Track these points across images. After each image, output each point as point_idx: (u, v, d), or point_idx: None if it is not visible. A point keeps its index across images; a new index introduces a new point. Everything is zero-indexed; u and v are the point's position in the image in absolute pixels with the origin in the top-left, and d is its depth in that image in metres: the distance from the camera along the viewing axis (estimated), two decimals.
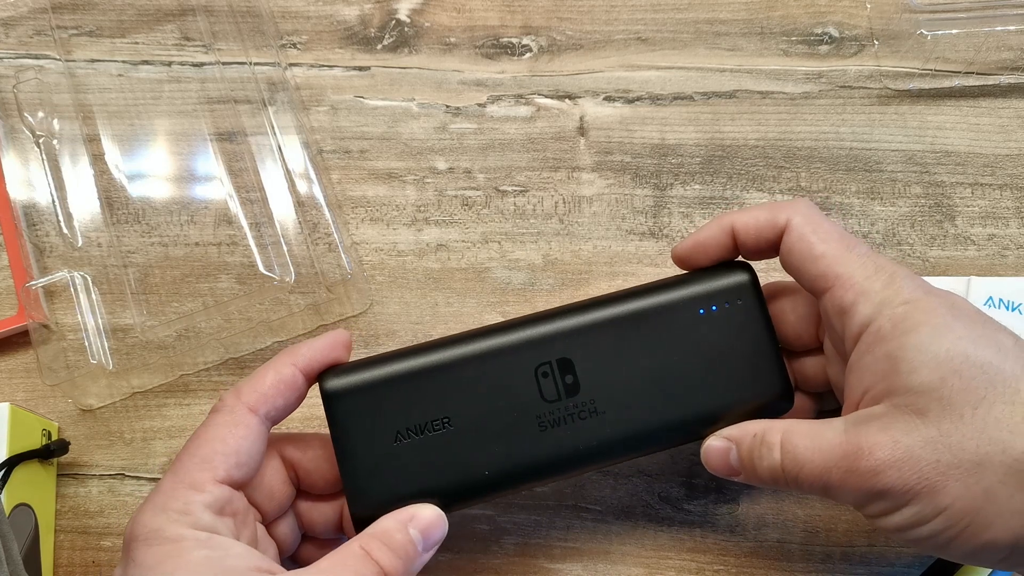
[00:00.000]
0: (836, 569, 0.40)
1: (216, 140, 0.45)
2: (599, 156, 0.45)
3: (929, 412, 0.28)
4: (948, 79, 0.46)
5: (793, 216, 0.32)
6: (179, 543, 0.28)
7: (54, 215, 0.44)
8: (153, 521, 0.28)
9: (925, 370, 0.28)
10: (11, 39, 0.47)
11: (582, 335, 0.33)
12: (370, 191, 0.45)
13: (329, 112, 0.46)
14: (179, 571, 0.27)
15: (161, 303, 0.43)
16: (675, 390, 0.33)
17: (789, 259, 0.32)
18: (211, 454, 0.30)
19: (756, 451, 0.31)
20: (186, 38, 0.47)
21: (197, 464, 0.30)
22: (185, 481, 0.29)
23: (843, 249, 0.31)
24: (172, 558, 0.27)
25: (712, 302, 0.33)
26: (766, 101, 0.46)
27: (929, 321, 0.29)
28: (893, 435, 0.28)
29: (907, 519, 0.28)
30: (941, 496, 0.27)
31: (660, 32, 0.47)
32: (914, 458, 0.28)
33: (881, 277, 0.30)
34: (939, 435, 0.27)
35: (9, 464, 0.38)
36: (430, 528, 0.31)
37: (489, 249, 0.44)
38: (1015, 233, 0.44)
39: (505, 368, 0.32)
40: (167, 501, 0.29)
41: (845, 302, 0.30)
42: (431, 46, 0.47)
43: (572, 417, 0.32)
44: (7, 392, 0.43)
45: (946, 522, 0.27)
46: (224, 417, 0.31)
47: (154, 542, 0.28)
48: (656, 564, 0.40)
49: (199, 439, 0.30)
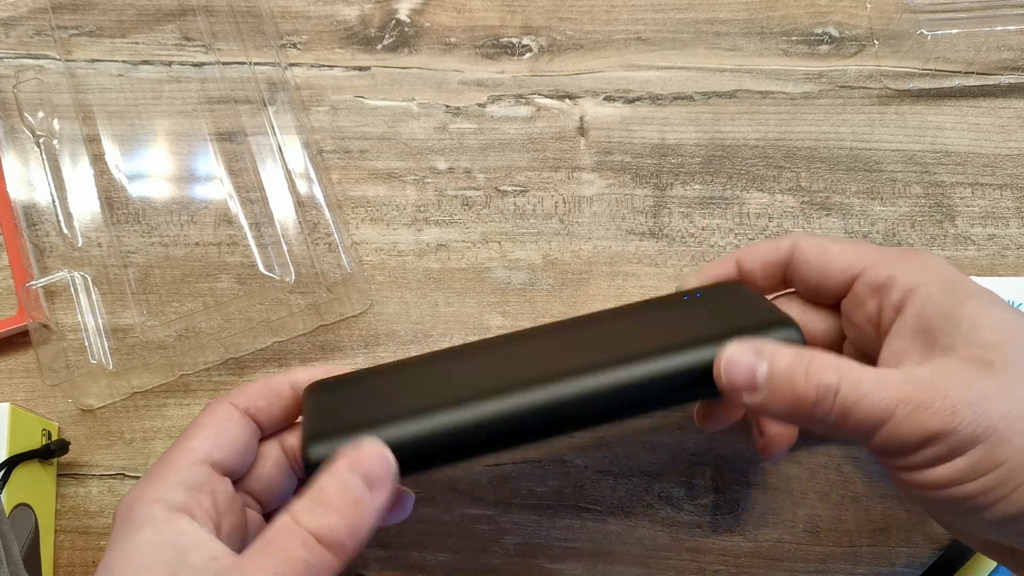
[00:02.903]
0: (836, 569, 0.40)
1: (216, 140, 0.45)
2: (599, 156, 0.45)
3: (996, 364, 0.27)
4: (948, 79, 0.46)
5: (797, 238, 0.34)
6: (138, 522, 0.28)
7: (54, 215, 0.44)
8: (127, 500, 0.30)
9: (988, 329, 0.28)
10: (11, 39, 0.47)
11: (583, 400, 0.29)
12: (370, 191, 0.45)
13: (329, 112, 0.46)
14: (127, 551, 0.28)
15: (161, 303, 0.43)
16: (669, 342, 0.30)
17: (807, 268, 0.33)
18: (190, 438, 0.31)
19: (803, 366, 0.28)
20: (186, 38, 0.47)
21: (179, 448, 0.31)
22: (165, 463, 0.30)
23: (859, 243, 0.32)
24: (125, 536, 0.28)
25: (701, 291, 0.34)
26: (766, 101, 0.46)
27: (978, 292, 0.29)
28: (968, 378, 0.27)
29: (960, 470, 0.27)
30: (1003, 447, 0.26)
31: (660, 32, 0.47)
32: (989, 402, 0.27)
33: (914, 256, 0.31)
34: (1007, 385, 0.27)
35: (9, 464, 0.38)
36: (369, 464, 0.27)
37: (489, 249, 0.44)
38: (1015, 233, 0.44)
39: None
40: (146, 482, 0.30)
41: (881, 277, 0.30)
42: (431, 46, 0.47)
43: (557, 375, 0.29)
44: (7, 392, 0.43)
45: (1001, 477, 0.26)
46: (206, 409, 0.32)
47: (122, 521, 0.29)
48: (656, 564, 0.40)
49: (191, 429, 0.32)
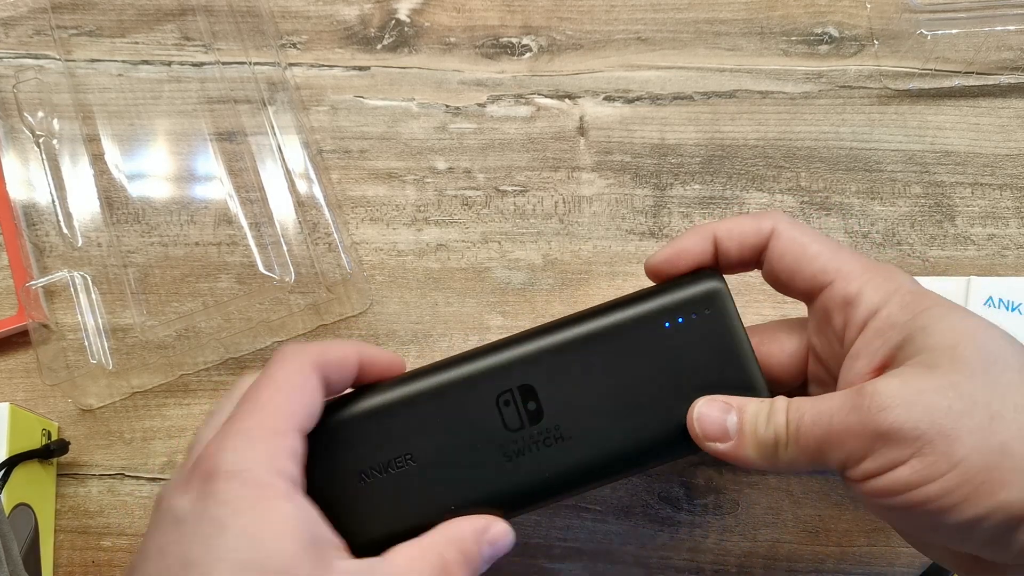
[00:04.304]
0: (835, 569, 0.40)
1: (216, 140, 0.45)
2: (599, 156, 0.45)
3: (940, 366, 0.27)
4: (948, 79, 0.46)
5: (778, 222, 0.32)
6: (267, 489, 0.26)
7: (54, 215, 0.44)
8: (241, 458, 0.26)
9: (939, 334, 0.28)
10: (11, 39, 0.47)
11: (543, 360, 0.31)
12: (370, 191, 0.45)
13: (329, 112, 0.46)
14: (270, 522, 0.26)
15: (161, 303, 0.43)
16: (645, 410, 0.31)
17: (781, 262, 0.32)
18: (288, 403, 0.28)
19: (761, 415, 0.30)
20: (186, 38, 0.47)
21: (278, 410, 0.28)
22: (268, 425, 0.28)
23: (835, 248, 0.31)
24: (263, 504, 0.26)
25: (680, 313, 0.31)
26: (766, 101, 0.46)
27: (939, 303, 0.29)
28: (903, 378, 0.27)
29: (917, 472, 0.26)
30: (956, 446, 0.26)
31: (660, 32, 0.47)
32: (925, 399, 0.26)
33: (880, 271, 0.31)
34: (951, 384, 0.27)
35: (9, 464, 0.38)
36: (498, 541, 0.31)
37: (489, 249, 0.44)
38: (1015, 233, 0.44)
39: (465, 399, 0.31)
40: (253, 441, 0.27)
41: (850, 291, 0.30)
42: (431, 46, 0.47)
43: (537, 445, 0.31)
44: (7, 392, 0.43)
45: (961, 476, 0.26)
46: (295, 367, 0.29)
47: (242, 481, 0.26)
48: (656, 564, 0.40)
49: (274, 386, 0.29)
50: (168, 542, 0.26)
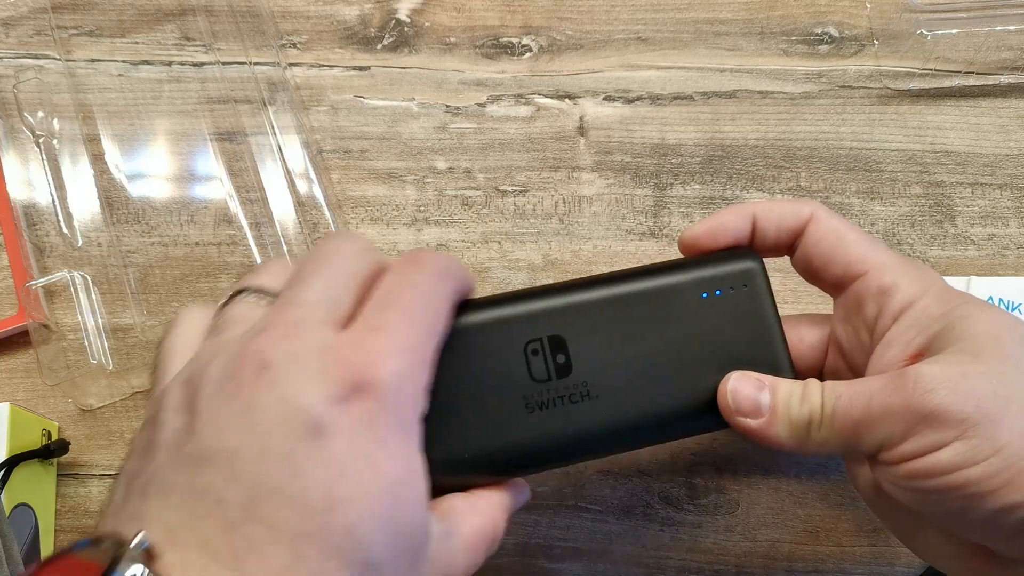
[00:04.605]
0: (835, 569, 0.40)
1: (216, 140, 0.45)
2: (599, 156, 0.45)
3: (984, 353, 0.27)
4: (948, 79, 0.46)
5: (817, 209, 0.32)
6: (412, 434, 0.25)
7: (54, 215, 0.44)
8: (404, 381, 0.24)
9: (980, 325, 0.28)
10: (11, 39, 0.47)
11: (577, 313, 0.31)
12: (370, 191, 0.45)
13: (329, 112, 0.46)
14: (413, 477, 0.25)
15: (161, 303, 0.43)
16: (675, 377, 0.31)
17: (817, 247, 0.32)
18: (439, 324, 0.28)
19: (795, 395, 0.30)
20: (186, 38, 0.47)
21: (433, 330, 0.27)
22: (428, 346, 0.27)
23: (871, 240, 0.32)
24: (408, 451, 0.25)
25: (717, 286, 0.31)
26: (766, 101, 0.46)
27: (974, 299, 0.30)
28: (947, 364, 0.27)
29: (959, 455, 0.26)
30: (1000, 431, 0.26)
31: (660, 32, 0.47)
32: (971, 383, 0.26)
33: (914, 265, 0.31)
34: (995, 371, 0.27)
35: (9, 464, 0.38)
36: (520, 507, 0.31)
37: (489, 249, 0.44)
38: (1015, 233, 0.44)
39: (492, 343, 0.30)
40: (414, 365, 0.26)
41: (886, 282, 0.31)
42: (431, 46, 0.47)
43: (562, 400, 0.30)
44: (7, 392, 0.43)
45: (1004, 461, 0.26)
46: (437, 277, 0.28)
47: (398, 414, 0.24)
48: (656, 564, 0.40)
49: (421, 297, 0.27)
50: (307, 458, 0.22)
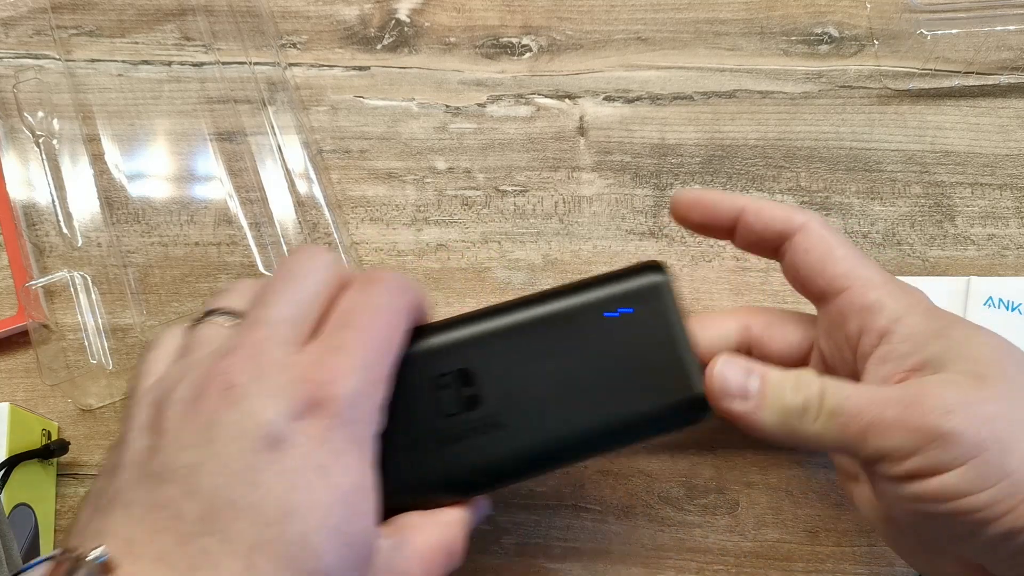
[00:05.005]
0: (836, 569, 0.40)
1: (216, 140, 0.45)
2: (599, 156, 0.45)
3: (990, 377, 0.27)
4: (948, 79, 0.46)
5: (811, 219, 0.32)
6: (366, 450, 0.26)
7: (54, 215, 0.44)
8: (360, 397, 0.26)
9: (980, 347, 0.28)
10: (11, 39, 0.47)
11: (482, 344, 0.31)
12: (370, 191, 0.45)
13: (329, 112, 0.46)
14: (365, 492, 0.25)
15: (161, 303, 0.43)
16: (582, 400, 0.30)
17: (806, 257, 0.32)
18: (397, 341, 0.29)
19: (787, 382, 0.29)
20: (186, 38, 0.47)
21: (391, 347, 0.29)
22: (384, 363, 0.28)
23: (860, 256, 0.32)
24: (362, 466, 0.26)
25: (620, 304, 0.31)
26: (766, 101, 0.46)
27: (962, 319, 0.29)
28: (964, 385, 0.27)
29: (967, 480, 0.26)
30: (1009, 457, 0.25)
31: (660, 32, 0.47)
32: (986, 408, 0.26)
33: (898, 284, 0.31)
34: (1004, 395, 0.26)
35: (9, 464, 0.38)
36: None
37: (489, 249, 0.44)
38: (1015, 233, 0.44)
39: (407, 377, 0.30)
40: (370, 383, 0.27)
41: (869, 299, 0.30)
42: (431, 46, 0.47)
43: (473, 431, 0.30)
44: (7, 392, 0.43)
45: (1012, 487, 0.25)
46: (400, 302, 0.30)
47: (353, 430, 0.25)
48: (656, 564, 0.40)
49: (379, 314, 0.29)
50: (263, 470, 0.23)
